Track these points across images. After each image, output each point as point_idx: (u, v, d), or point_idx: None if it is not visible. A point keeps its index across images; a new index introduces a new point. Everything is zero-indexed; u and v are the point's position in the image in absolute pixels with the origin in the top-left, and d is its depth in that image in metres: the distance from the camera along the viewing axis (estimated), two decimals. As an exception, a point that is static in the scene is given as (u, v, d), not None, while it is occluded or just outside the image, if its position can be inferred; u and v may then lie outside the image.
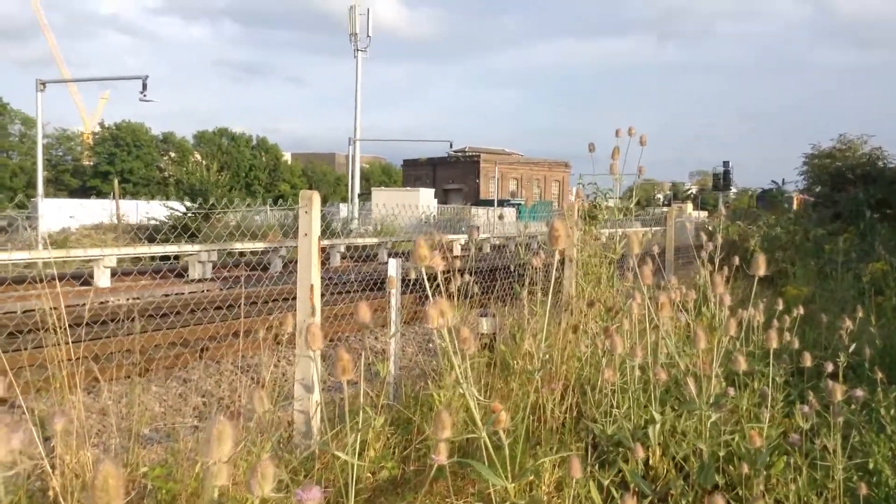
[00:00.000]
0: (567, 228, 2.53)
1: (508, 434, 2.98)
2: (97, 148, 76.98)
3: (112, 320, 9.03)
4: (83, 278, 13.57)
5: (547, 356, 4.91)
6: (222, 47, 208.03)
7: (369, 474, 3.67)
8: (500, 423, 2.40)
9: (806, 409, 3.52)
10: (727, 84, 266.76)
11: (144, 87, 28.27)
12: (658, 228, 13.97)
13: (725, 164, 45.88)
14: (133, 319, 8.82)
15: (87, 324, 7.90)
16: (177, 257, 16.20)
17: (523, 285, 5.64)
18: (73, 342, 3.85)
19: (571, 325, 4.96)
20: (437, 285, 2.68)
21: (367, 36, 39.04)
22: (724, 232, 13.08)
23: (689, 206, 71.78)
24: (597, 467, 3.63)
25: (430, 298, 2.26)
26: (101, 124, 79.61)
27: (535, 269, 5.52)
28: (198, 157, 63.59)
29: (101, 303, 11.65)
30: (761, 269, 3.02)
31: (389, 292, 5.61)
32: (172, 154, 78.11)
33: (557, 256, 2.66)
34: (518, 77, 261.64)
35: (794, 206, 36.76)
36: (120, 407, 5.61)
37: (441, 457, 2.19)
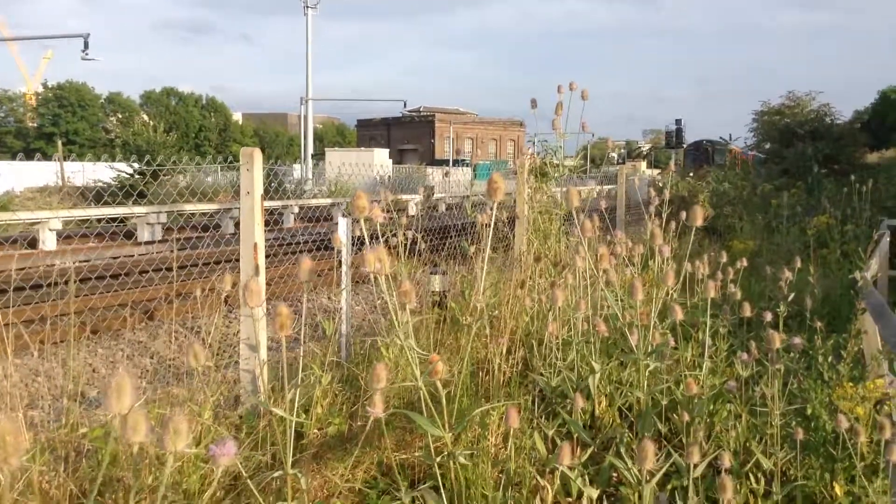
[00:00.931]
0: (505, 181, 2.51)
1: (453, 387, 2.99)
2: (40, 109, 74.59)
3: (57, 283, 8.82)
4: (28, 241, 13.23)
5: (496, 311, 4.93)
6: (167, 5, 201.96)
7: (316, 430, 3.66)
8: (437, 374, 2.39)
9: (745, 357, 3.59)
10: (681, 44, 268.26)
11: (86, 45, 27.43)
12: (611, 186, 14.08)
13: (678, 122, 46.35)
14: (77, 281, 8.62)
15: (28, 286, 7.72)
16: (125, 219, 15.86)
17: (472, 242, 5.63)
18: (15, 305, 3.74)
19: (519, 281, 4.97)
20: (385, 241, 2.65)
21: (318, -8, 38.22)
22: (673, 188, 13.25)
23: (643, 164, 72.39)
24: (543, 419, 3.68)
25: (369, 245, 2.23)
26: (44, 84, 77.04)
27: (485, 226, 5.51)
28: (145, 117, 62.04)
29: (48, 265, 11.36)
30: (698, 220, 3.04)
31: (339, 251, 5.57)
32: (119, 115, 76.02)
33: (506, 213, 2.65)
34: (474, 37, 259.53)
35: (728, 159, 37.08)
36: (65, 369, 5.49)
37: (377, 409, 2.17)
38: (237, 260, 4.51)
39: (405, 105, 48.19)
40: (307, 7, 38.02)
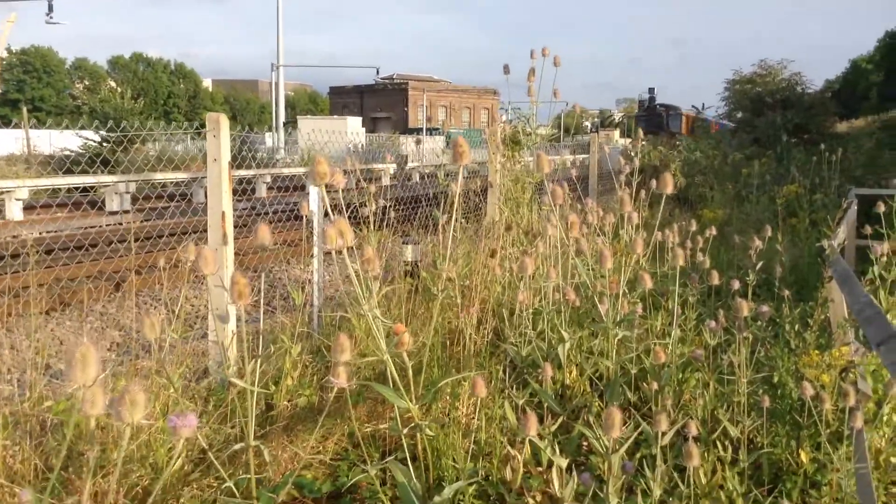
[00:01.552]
0: (468, 146, 2.47)
1: (425, 357, 2.98)
2: (5, 74, 72.79)
3: (22, 254, 8.66)
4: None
5: (467, 281, 4.91)
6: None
7: (286, 402, 3.63)
8: (403, 346, 2.37)
9: (713, 325, 3.61)
10: (657, 11, 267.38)
11: (50, 8, 26.77)
12: (585, 156, 14.07)
13: (651, 90, 46.15)
14: (44, 252, 8.48)
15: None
16: (93, 188, 15.57)
17: (445, 212, 5.59)
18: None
19: (490, 250, 4.96)
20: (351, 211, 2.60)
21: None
22: (645, 157, 13.29)
23: (616, 133, 72.42)
24: (514, 389, 3.68)
25: (331, 217, 2.19)
26: (8, 49, 75.10)
27: (457, 194, 5.48)
28: (112, 83, 60.81)
29: (14, 236, 11.15)
30: (668, 187, 3.02)
31: (311, 221, 5.51)
32: (85, 81, 74.46)
33: (479, 182, 2.63)
34: (448, 2, 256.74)
35: (683, 126, 37.06)
36: (30, 340, 5.41)
37: (340, 379, 2.15)
38: (207, 230, 4.45)
39: (378, 72, 47.59)
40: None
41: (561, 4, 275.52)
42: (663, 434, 2.50)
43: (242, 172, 15.81)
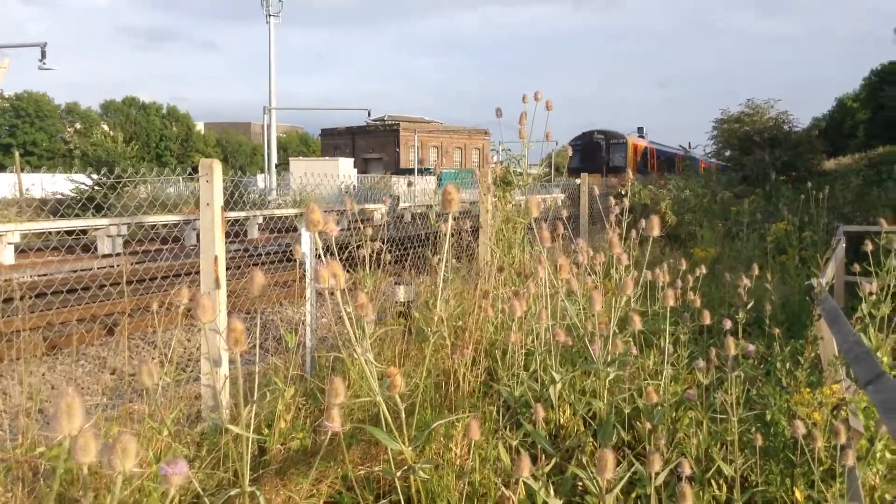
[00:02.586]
0: (458, 192, 2.52)
1: (418, 398, 2.98)
2: (-2, 119, 73.16)
3: (14, 299, 8.63)
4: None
5: (460, 322, 4.93)
6: (125, 13, 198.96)
7: (279, 445, 3.62)
8: (395, 388, 2.39)
9: (702, 364, 3.63)
10: (643, 50, 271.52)
11: (43, 54, 26.96)
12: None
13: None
14: (35, 296, 8.46)
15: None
16: (84, 232, 15.57)
17: (436, 252, 5.63)
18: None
19: (483, 291, 4.98)
20: (347, 252, 2.63)
21: (279, 0, 38.02)
22: (635, 196, 13.40)
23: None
24: (507, 430, 3.68)
25: (323, 260, 2.22)
26: (1, 94, 75.52)
27: (447, 235, 5.52)
28: (105, 127, 61.17)
29: (5, 280, 11.12)
30: (655, 229, 3.07)
31: (304, 263, 5.53)
32: (78, 125, 74.79)
33: (470, 223, 2.67)
34: (438, 45, 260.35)
35: (629, 158, 33.93)
36: (22, 386, 5.38)
37: (335, 424, 2.16)
38: (199, 272, 4.46)
39: (369, 114, 47.97)
40: (269, 16, 37.83)
41: (548, 44, 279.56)
42: (657, 474, 2.51)
43: (234, 214, 15.85)
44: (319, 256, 2.59)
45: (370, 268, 5.59)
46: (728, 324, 3.97)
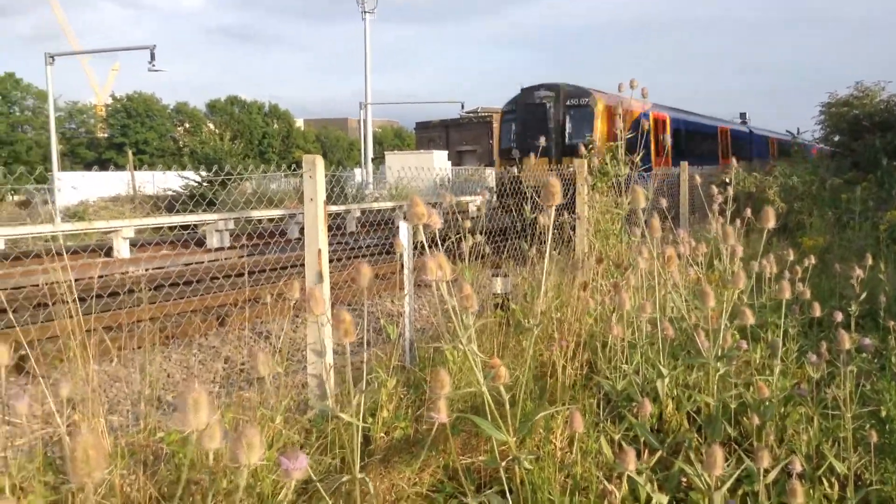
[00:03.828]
0: (561, 185, 2.52)
1: (517, 390, 3.00)
2: (110, 120, 77.09)
3: (133, 290, 9.13)
4: (104, 250, 13.74)
5: (559, 314, 4.92)
6: (221, 14, 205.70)
7: (382, 434, 3.71)
8: (500, 378, 2.42)
9: (814, 358, 3.51)
10: (744, 36, 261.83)
11: (153, 56, 28.16)
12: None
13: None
14: (154, 288, 8.92)
15: (106, 294, 8.01)
16: (195, 226, 16.29)
17: (532, 244, 5.63)
18: (95, 312, 3.90)
19: (581, 283, 4.96)
20: (446, 246, 2.68)
21: (375, -3, 38.57)
22: (739, 184, 12.97)
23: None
24: (608, 422, 3.66)
25: (428, 252, 2.26)
26: (113, 96, 79.61)
27: (549, 228, 5.51)
28: (211, 126, 63.63)
29: (122, 273, 11.76)
30: (770, 221, 2.98)
31: (402, 255, 5.64)
32: (186, 124, 78.14)
33: (566, 213, 2.68)
34: (531, 35, 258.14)
35: (600, 127, 21.44)
36: (143, 375, 5.70)
37: (441, 415, 2.20)
38: (303, 265, 4.62)
39: (463, 107, 48.26)
40: (365, 12, 38.45)
41: (640, 35, 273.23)
42: (766, 471, 2.45)
43: (335, 208, 16.25)
44: (417, 248, 2.65)
45: (468, 260, 5.64)
46: (839, 316, 3.82)
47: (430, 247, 2.34)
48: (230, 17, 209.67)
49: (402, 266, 5.61)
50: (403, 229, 5.66)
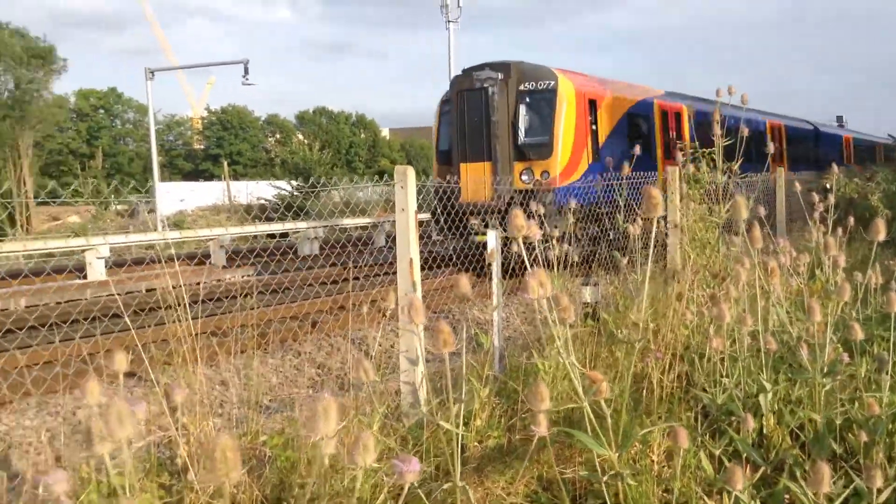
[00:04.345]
0: (661, 195, 2.49)
1: (612, 403, 2.98)
2: (206, 132, 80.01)
3: (230, 297, 9.46)
4: (198, 258, 14.28)
5: (653, 324, 4.84)
6: (311, 27, 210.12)
7: (476, 443, 3.74)
8: (602, 394, 2.40)
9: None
10: (839, 36, 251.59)
11: (246, 70, 29.05)
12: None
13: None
14: (247, 296, 9.22)
15: (207, 300, 8.33)
16: (286, 235, 16.75)
17: (624, 253, 5.56)
18: (193, 318, 4.07)
19: (676, 293, 4.87)
20: (535, 255, 2.69)
21: (458, 6, 38.71)
22: (840, 191, 12.46)
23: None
24: (707, 437, 3.58)
25: (529, 268, 2.28)
26: (208, 108, 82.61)
27: (652, 238, 5.43)
28: (300, 136, 65.26)
29: (217, 280, 12.20)
30: (881, 233, 2.87)
31: (490, 264, 5.66)
32: (277, 135, 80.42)
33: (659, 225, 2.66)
34: (615, 39, 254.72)
35: (563, 116, 13.72)
36: (241, 379, 5.92)
37: (541, 428, 2.21)
38: (389, 273, 4.71)
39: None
40: (448, 21, 38.70)
41: (733, 38, 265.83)
42: (879, 490, 2.36)
43: (422, 216, 16.44)
44: (511, 257, 2.66)
45: (557, 268, 5.62)
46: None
47: (530, 264, 2.35)
48: (317, 30, 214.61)
49: (492, 276, 5.63)
50: (492, 238, 5.69)
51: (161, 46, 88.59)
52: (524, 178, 12.73)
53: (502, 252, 5.73)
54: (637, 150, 7.94)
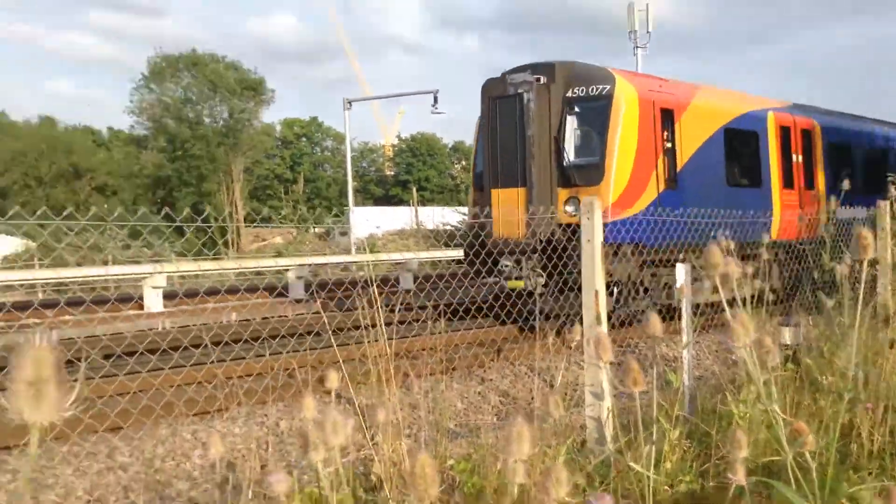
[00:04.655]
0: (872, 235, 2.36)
1: (817, 456, 2.82)
2: (396, 159, 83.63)
3: (415, 320, 9.82)
4: (390, 282, 14.97)
5: (862, 373, 4.51)
6: (495, 53, 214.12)
7: (666, 487, 3.64)
8: (808, 446, 2.28)
9: None
10: None
11: (435, 100, 30.05)
12: None
13: None
14: (435, 320, 9.51)
15: (399, 323, 8.71)
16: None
17: (830, 294, 5.21)
18: (388, 339, 4.28)
19: (890, 340, 4.50)
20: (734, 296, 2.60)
21: (647, 32, 37.97)
22: None
23: None
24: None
25: (727, 308, 2.21)
26: (399, 136, 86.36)
27: (847, 278, 5.08)
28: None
29: (406, 304, 12.67)
30: None
31: (680, 300, 5.50)
32: (463, 162, 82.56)
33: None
34: (806, 64, 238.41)
35: (622, 129, 10.38)
36: (427, 402, 6.12)
37: (738, 476, 2.14)
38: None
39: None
40: (637, 48, 38.06)
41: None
42: None
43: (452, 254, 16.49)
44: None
45: (752, 306, 5.35)
46: None
47: (728, 304, 2.28)
48: (500, 55, 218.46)
49: (682, 312, 5.46)
50: (681, 271, 5.53)
51: (357, 78, 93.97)
52: (568, 209, 10.06)
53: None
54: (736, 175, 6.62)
